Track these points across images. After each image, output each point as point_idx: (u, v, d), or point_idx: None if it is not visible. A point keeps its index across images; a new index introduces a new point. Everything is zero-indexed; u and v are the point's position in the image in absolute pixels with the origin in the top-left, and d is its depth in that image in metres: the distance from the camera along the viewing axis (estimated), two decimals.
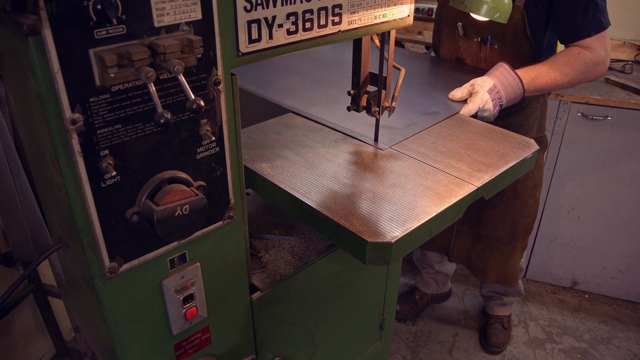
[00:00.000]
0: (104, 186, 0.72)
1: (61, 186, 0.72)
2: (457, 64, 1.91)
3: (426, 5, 2.85)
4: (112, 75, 0.65)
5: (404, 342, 2.47)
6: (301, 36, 0.92)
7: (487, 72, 1.56)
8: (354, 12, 0.98)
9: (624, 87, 2.35)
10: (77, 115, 0.66)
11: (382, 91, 1.19)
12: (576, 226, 2.58)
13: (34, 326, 2.17)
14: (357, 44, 1.17)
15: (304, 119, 1.38)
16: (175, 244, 0.86)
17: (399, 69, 1.21)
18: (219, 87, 0.80)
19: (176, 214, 0.76)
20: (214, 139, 0.83)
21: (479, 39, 1.80)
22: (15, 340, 2.08)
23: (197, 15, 0.73)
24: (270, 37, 0.87)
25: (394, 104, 1.23)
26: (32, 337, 2.17)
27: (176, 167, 0.80)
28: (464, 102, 1.49)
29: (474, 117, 1.46)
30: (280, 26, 0.88)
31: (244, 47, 0.84)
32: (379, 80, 1.19)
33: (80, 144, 0.68)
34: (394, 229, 0.93)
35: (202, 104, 0.70)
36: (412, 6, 1.09)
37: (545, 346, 2.46)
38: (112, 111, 0.69)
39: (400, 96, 1.49)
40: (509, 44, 1.74)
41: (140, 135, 0.74)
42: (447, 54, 1.96)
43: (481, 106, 1.46)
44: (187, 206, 0.77)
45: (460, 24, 1.82)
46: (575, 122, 2.34)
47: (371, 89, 1.22)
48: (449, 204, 1.01)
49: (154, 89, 0.67)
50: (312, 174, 1.11)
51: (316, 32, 0.94)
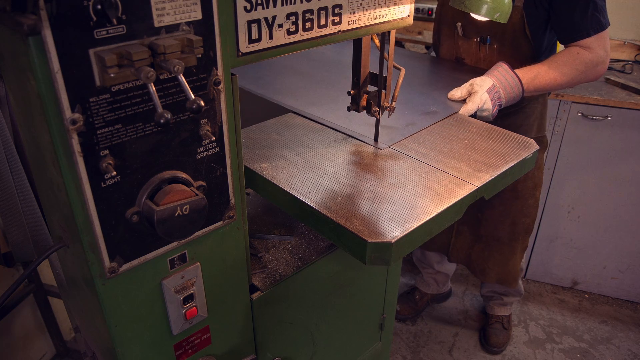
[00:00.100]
0: (104, 186, 0.72)
1: (61, 186, 0.72)
2: (456, 63, 1.91)
3: (426, 5, 2.86)
4: (112, 75, 0.65)
5: (404, 342, 2.47)
6: (301, 36, 0.92)
7: (486, 71, 1.56)
8: (354, 12, 0.98)
9: (624, 87, 2.35)
10: (77, 115, 0.66)
11: (382, 91, 1.19)
12: (576, 226, 2.58)
13: (34, 326, 2.17)
14: (357, 44, 1.17)
15: (304, 119, 1.38)
16: (175, 244, 0.86)
17: (399, 69, 1.21)
18: (219, 87, 0.80)
19: (176, 214, 0.76)
20: (214, 139, 0.83)
21: (478, 38, 1.80)
22: (15, 340, 2.08)
23: (197, 15, 0.73)
24: (270, 37, 0.87)
25: (394, 104, 1.23)
26: (32, 337, 2.17)
27: (176, 167, 0.80)
28: (463, 101, 1.49)
29: (473, 116, 1.46)
30: (280, 26, 0.88)
31: (244, 47, 0.84)
32: (379, 80, 1.19)
33: (80, 144, 0.68)
34: (394, 229, 0.93)
35: (202, 104, 0.70)
36: (412, 6, 1.09)
37: (545, 346, 2.46)
38: (112, 111, 0.69)
39: (399, 96, 1.49)
40: (508, 44, 1.74)
41: (140, 135, 0.74)
42: (446, 54, 1.96)
43: (480, 106, 1.46)
44: (187, 206, 0.77)
45: (459, 24, 1.82)
46: (575, 122, 2.34)
47: (371, 89, 1.22)
48: (449, 204, 1.01)
49: (154, 89, 0.67)
50: (312, 174, 1.11)
51: (316, 32, 0.94)
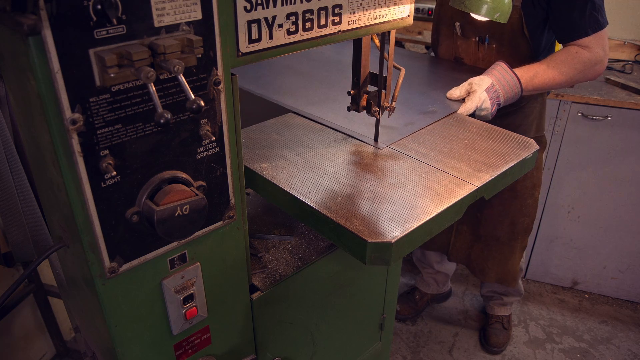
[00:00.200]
0: (104, 186, 0.72)
1: (61, 186, 0.72)
2: (455, 63, 1.91)
3: (426, 5, 2.86)
4: (112, 75, 0.65)
5: (404, 342, 2.47)
6: (301, 36, 0.92)
7: (485, 71, 1.56)
8: (354, 12, 0.98)
9: (624, 87, 2.35)
10: (77, 115, 0.66)
11: (382, 91, 1.19)
12: (576, 226, 2.58)
13: (34, 326, 2.17)
14: (357, 44, 1.17)
15: (304, 119, 1.38)
16: (175, 244, 0.86)
17: (399, 69, 1.21)
18: (219, 87, 0.80)
19: (176, 214, 0.76)
20: (214, 139, 0.83)
21: (476, 38, 1.80)
22: (15, 340, 2.08)
23: (197, 15, 0.73)
24: (270, 37, 0.87)
25: (394, 104, 1.23)
26: (32, 337, 2.17)
27: (176, 167, 0.80)
28: (462, 101, 1.49)
29: (472, 116, 1.46)
30: (280, 26, 0.88)
31: (244, 47, 0.84)
32: (379, 80, 1.19)
33: (80, 144, 0.68)
34: (394, 229, 0.93)
35: (202, 104, 0.70)
36: (412, 6, 1.09)
37: (545, 346, 2.46)
38: (112, 111, 0.69)
39: (399, 96, 1.49)
40: (507, 44, 1.74)
41: (140, 135, 0.74)
42: (445, 54, 1.96)
43: (479, 105, 1.46)
44: (187, 206, 0.77)
45: (457, 24, 1.82)
46: (575, 122, 2.34)
47: (371, 89, 1.22)
48: (449, 204, 1.01)
49: (154, 89, 0.67)
50: (312, 174, 1.11)
51: (316, 32, 0.94)
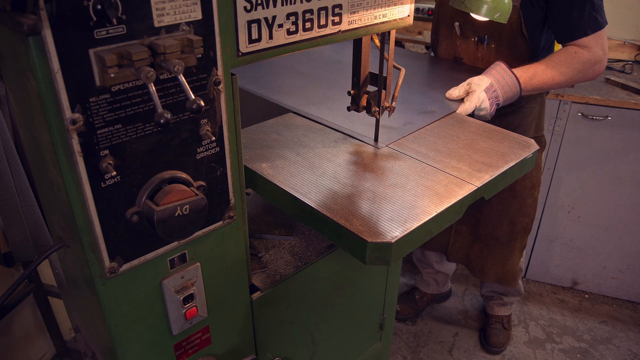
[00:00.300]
0: (104, 186, 0.72)
1: (61, 186, 0.72)
2: (454, 63, 1.91)
3: (426, 5, 2.86)
4: (112, 75, 0.65)
5: (404, 342, 2.47)
6: (301, 36, 0.92)
7: (484, 71, 1.56)
8: (354, 12, 0.98)
9: (624, 87, 2.35)
10: (77, 115, 0.66)
11: (382, 91, 1.20)
12: (576, 226, 2.58)
13: (34, 326, 2.17)
14: (357, 44, 1.17)
15: (304, 118, 1.38)
16: (175, 244, 0.86)
17: (399, 69, 1.21)
18: (219, 87, 0.80)
19: (176, 214, 0.76)
20: (214, 139, 0.83)
21: (476, 38, 1.80)
22: (15, 340, 2.08)
23: (197, 15, 0.73)
24: (270, 37, 0.87)
25: (394, 104, 1.23)
26: (32, 337, 2.17)
27: (176, 167, 0.80)
28: (461, 101, 1.49)
29: (471, 115, 1.46)
30: (280, 26, 0.88)
31: (244, 47, 0.84)
32: (379, 80, 1.19)
33: (80, 144, 0.68)
34: (394, 229, 0.93)
35: (202, 104, 0.70)
36: (412, 6, 1.09)
37: (545, 346, 2.46)
38: (112, 111, 0.69)
39: (398, 95, 1.49)
40: (506, 44, 1.74)
41: (140, 135, 0.74)
42: (444, 54, 1.96)
43: (478, 105, 1.46)
44: (187, 206, 0.77)
45: (457, 24, 1.82)
46: (575, 122, 2.34)
47: (371, 89, 1.22)
48: (449, 204, 1.01)
49: (154, 89, 0.67)
50: (312, 174, 1.11)
51: (316, 32, 0.94)
